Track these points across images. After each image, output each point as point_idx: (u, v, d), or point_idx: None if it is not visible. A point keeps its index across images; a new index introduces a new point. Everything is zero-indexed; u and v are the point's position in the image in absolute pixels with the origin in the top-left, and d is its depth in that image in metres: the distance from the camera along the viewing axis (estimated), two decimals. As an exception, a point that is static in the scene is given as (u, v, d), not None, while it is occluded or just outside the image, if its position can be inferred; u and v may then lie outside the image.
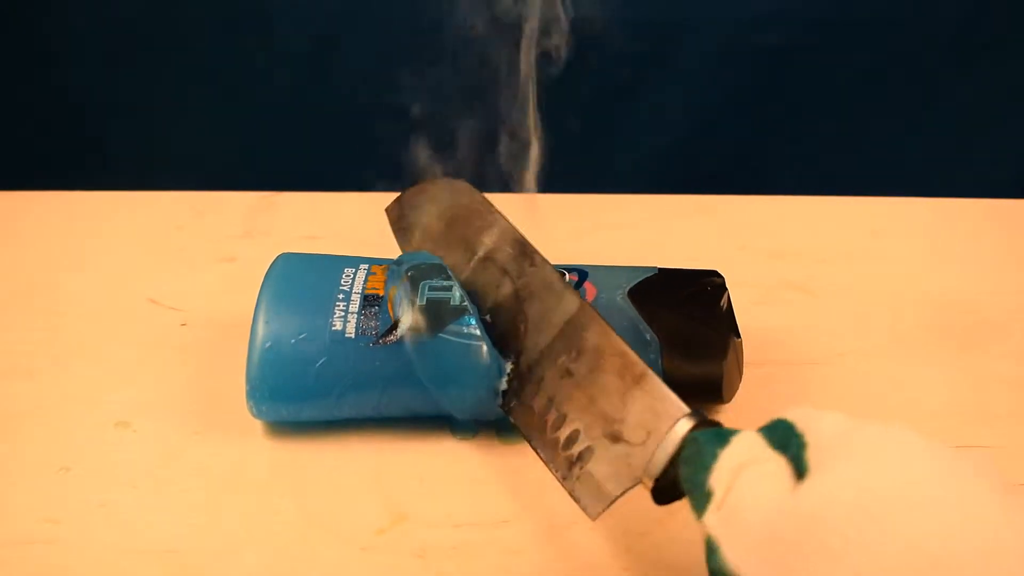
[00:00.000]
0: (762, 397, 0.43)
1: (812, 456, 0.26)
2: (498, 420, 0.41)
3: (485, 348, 0.39)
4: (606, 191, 0.65)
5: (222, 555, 0.36)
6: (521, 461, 0.41)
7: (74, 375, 0.46)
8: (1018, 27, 0.86)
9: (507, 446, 0.41)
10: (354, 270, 0.42)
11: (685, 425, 0.31)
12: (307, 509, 0.38)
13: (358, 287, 0.41)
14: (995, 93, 0.88)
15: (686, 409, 0.31)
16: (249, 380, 0.39)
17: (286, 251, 0.45)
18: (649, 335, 0.41)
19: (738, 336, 0.42)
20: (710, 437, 0.29)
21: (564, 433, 0.34)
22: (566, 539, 0.37)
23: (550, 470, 0.35)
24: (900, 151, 0.89)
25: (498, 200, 0.45)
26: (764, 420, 0.42)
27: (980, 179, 0.86)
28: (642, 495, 0.39)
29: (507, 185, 0.49)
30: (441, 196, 0.46)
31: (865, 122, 0.90)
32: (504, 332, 0.39)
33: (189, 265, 0.55)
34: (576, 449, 0.34)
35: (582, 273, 0.44)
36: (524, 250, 0.41)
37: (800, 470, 0.26)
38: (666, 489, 0.31)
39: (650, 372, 0.33)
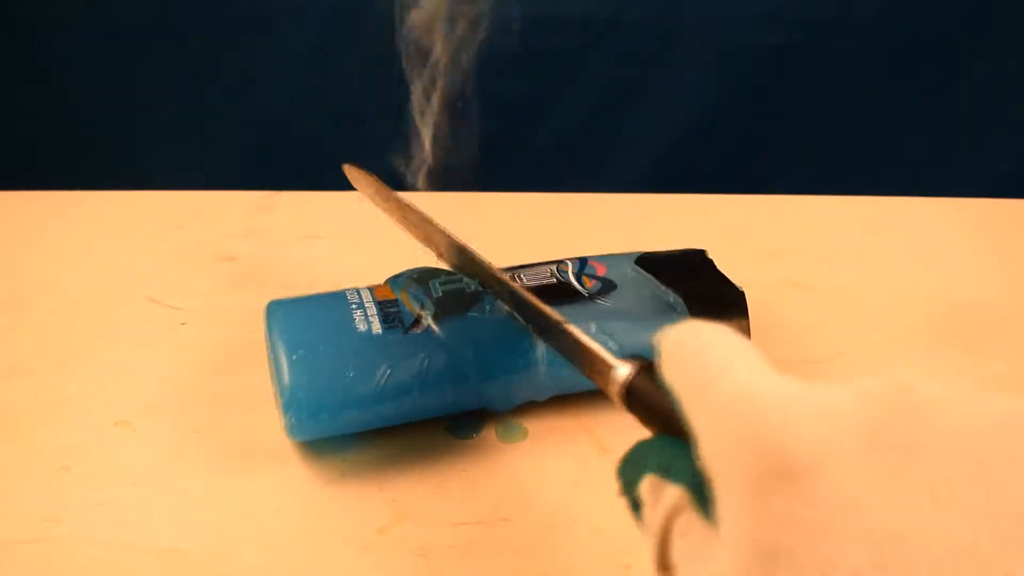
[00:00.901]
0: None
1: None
2: (521, 406, 0.42)
3: (518, 321, 0.39)
4: (606, 191, 0.65)
5: (222, 554, 0.36)
6: (521, 461, 0.41)
7: (74, 375, 0.46)
8: (1018, 27, 0.86)
9: (507, 446, 0.41)
10: (357, 290, 0.42)
11: (620, 374, 0.28)
12: (307, 508, 0.38)
13: (367, 297, 0.41)
14: (995, 93, 0.88)
15: (611, 363, 0.29)
16: (284, 395, 0.38)
17: (287, 250, 0.45)
18: (672, 298, 0.42)
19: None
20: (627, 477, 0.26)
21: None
22: (566, 538, 0.37)
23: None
24: (900, 151, 0.90)
25: (495, 200, 0.45)
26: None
27: (980, 179, 0.86)
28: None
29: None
30: (366, 185, 0.45)
31: (865, 122, 0.90)
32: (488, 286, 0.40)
33: (189, 265, 0.55)
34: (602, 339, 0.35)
35: (582, 258, 0.45)
36: (425, 221, 0.41)
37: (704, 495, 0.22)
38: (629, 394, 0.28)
39: (566, 326, 0.32)
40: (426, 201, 0.63)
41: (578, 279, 0.43)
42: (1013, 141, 0.89)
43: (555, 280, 0.43)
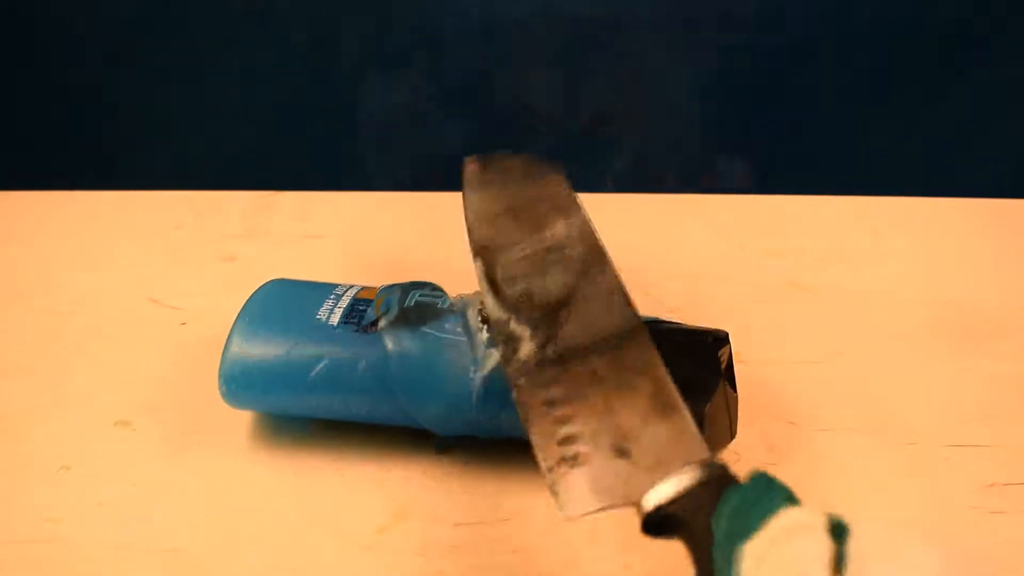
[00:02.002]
0: (761, 396, 0.43)
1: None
2: (465, 437, 0.40)
3: (466, 347, 0.39)
4: (606, 191, 0.65)
5: (222, 554, 0.36)
6: (521, 460, 0.41)
7: (74, 375, 0.46)
8: (1018, 27, 0.86)
9: (507, 446, 0.41)
10: (350, 286, 0.43)
11: (702, 470, 0.29)
12: (307, 508, 0.38)
13: (350, 293, 0.42)
14: (995, 93, 0.88)
15: (707, 455, 0.29)
16: (223, 358, 0.39)
17: (287, 250, 0.45)
18: None
19: (734, 389, 0.40)
20: (762, 493, 0.27)
21: (565, 431, 0.32)
22: (566, 538, 0.37)
23: (536, 456, 0.32)
24: (900, 151, 0.90)
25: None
26: (761, 417, 0.42)
27: (980, 179, 0.86)
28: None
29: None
30: (521, 173, 0.42)
31: (865, 122, 0.90)
32: (539, 315, 0.37)
33: (189, 265, 0.55)
34: (572, 449, 0.32)
35: None
36: (598, 256, 0.38)
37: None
38: (656, 523, 0.29)
39: (683, 407, 0.31)
40: (427, 201, 0.63)
41: None
42: (1013, 141, 0.89)
43: None
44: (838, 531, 0.25)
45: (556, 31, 0.87)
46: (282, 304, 0.41)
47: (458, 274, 0.54)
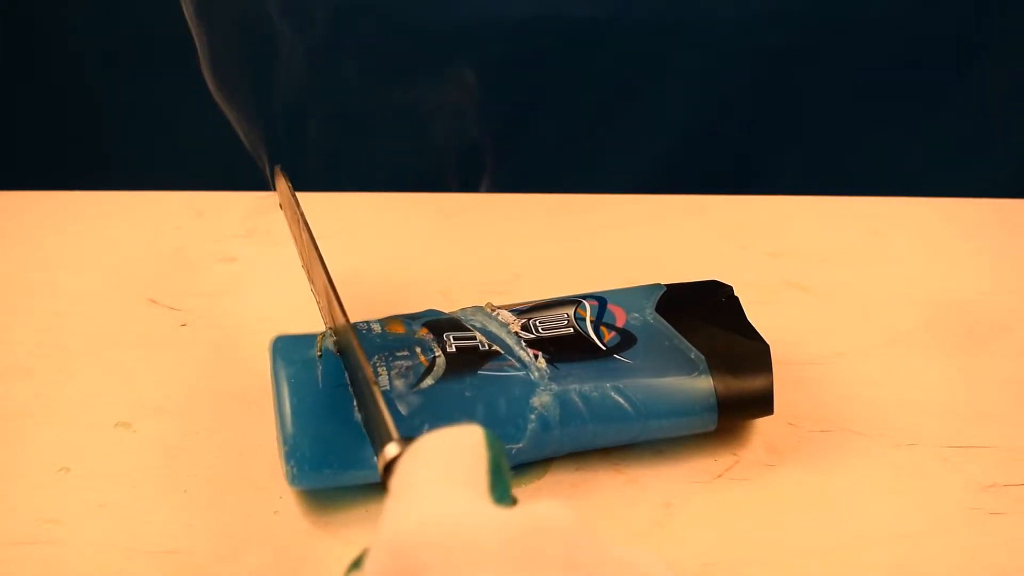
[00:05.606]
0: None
1: None
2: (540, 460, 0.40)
3: (534, 377, 0.38)
4: (606, 191, 0.65)
5: (222, 555, 0.36)
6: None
7: (74, 375, 0.46)
8: (1018, 27, 0.86)
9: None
10: (367, 325, 0.41)
11: (388, 451, 0.31)
12: (307, 509, 0.38)
13: (377, 330, 0.40)
14: (995, 93, 0.88)
15: (391, 435, 0.31)
16: (285, 442, 0.37)
17: (287, 250, 0.45)
18: (694, 354, 0.40)
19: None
20: None
21: None
22: (566, 539, 0.37)
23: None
24: (900, 151, 0.90)
25: (495, 200, 0.44)
26: (761, 418, 0.42)
27: (980, 179, 0.86)
28: (649, 502, 0.40)
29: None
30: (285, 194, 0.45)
31: (865, 122, 0.90)
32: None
33: (189, 265, 0.55)
34: None
35: (600, 299, 0.43)
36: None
37: None
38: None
39: (373, 387, 0.34)
40: (426, 202, 0.63)
41: (596, 330, 0.41)
42: (1014, 142, 0.89)
43: (572, 331, 0.41)
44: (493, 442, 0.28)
45: (555, 32, 0.87)
46: (324, 371, 0.39)
47: (458, 273, 0.54)
